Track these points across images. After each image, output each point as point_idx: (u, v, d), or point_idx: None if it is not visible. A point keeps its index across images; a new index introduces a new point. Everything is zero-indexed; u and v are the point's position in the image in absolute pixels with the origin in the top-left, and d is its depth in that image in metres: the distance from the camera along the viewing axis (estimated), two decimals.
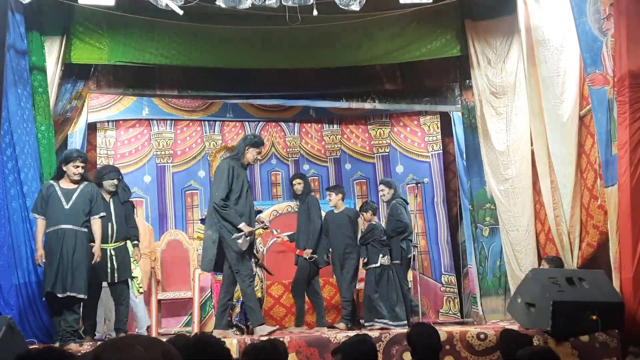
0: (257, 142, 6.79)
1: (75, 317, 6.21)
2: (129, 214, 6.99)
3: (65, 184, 6.26)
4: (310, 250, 7.44)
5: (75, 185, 6.28)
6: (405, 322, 7.14)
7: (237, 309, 7.30)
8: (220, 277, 6.97)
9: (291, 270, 7.76)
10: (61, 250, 6.07)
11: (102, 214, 6.37)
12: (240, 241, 6.34)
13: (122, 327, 6.81)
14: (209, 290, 8.33)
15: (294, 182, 7.86)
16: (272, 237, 8.42)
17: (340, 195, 7.84)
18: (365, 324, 7.30)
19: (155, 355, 1.36)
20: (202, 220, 7.64)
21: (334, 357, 3.84)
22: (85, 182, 6.36)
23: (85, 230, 6.25)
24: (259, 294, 7.09)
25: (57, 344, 5.69)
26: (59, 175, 6.32)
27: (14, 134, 6.58)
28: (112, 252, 6.66)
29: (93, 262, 6.30)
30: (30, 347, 5.01)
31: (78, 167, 6.28)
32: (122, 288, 6.81)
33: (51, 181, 6.33)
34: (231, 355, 2.95)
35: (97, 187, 6.51)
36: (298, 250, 7.62)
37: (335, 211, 7.81)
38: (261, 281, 7.37)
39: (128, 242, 6.90)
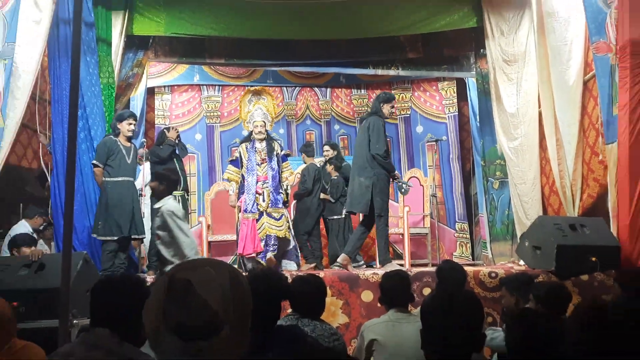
0: (388, 98, 6.94)
1: (125, 255, 6.46)
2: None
3: (123, 140, 6.42)
4: None
5: (129, 144, 6.44)
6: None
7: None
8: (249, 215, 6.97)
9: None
10: (131, 199, 6.35)
11: None
12: (403, 189, 6.93)
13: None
14: None
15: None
16: None
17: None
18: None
19: (223, 275, 1.37)
20: (232, 161, 7.42)
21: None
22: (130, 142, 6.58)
23: None
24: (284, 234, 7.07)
25: None
26: (116, 133, 6.49)
27: (84, 96, 6.64)
28: (180, 200, 6.90)
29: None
30: None
31: (131, 124, 6.48)
32: None
33: (112, 137, 6.48)
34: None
35: None
36: None
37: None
38: (287, 222, 7.19)
39: None
